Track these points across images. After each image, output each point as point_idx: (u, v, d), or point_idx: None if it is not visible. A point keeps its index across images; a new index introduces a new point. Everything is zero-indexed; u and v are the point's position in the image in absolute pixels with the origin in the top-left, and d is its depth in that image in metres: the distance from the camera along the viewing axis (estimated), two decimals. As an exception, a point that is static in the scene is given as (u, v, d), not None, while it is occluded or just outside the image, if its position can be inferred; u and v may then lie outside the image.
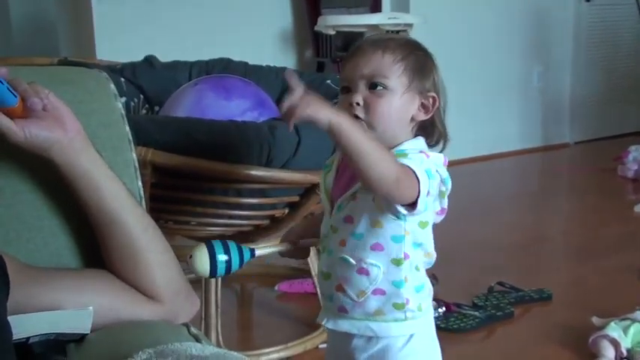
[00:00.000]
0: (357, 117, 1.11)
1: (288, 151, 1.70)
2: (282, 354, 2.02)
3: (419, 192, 1.06)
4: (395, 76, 1.11)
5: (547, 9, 4.81)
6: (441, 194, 1.14)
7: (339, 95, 1.17)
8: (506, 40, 4.65)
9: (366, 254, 1.15)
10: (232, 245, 1.12)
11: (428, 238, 1.16)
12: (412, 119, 1.15)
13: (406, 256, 1.15)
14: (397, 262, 1.15)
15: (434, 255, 1.19)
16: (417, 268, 1.16)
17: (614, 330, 1.98)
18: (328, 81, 2.27)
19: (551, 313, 2.32)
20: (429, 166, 1.09)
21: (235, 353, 0.84)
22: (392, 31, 3.90)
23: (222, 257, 1.10)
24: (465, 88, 4.47)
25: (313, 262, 2.15)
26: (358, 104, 1.11)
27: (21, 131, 0.90)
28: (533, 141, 4.93)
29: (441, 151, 1.18)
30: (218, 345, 1.91)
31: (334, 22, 3.75)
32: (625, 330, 1.98)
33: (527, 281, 2.49)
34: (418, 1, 4.23)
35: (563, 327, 2.18)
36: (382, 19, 3.82)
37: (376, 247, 1.15)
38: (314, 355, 2.06)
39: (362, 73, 1.12)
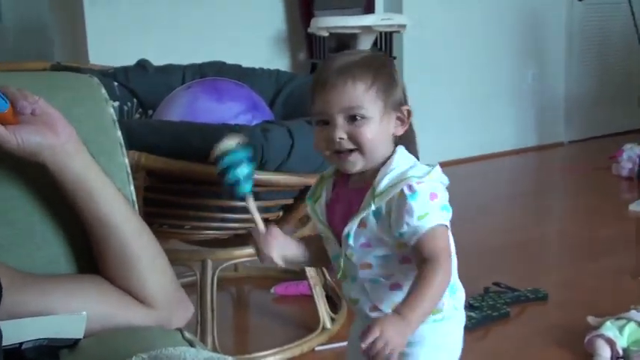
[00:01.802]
0: (339, 152, 1.13)
1: (281, 154, 1.70)
2: (279, 357, 2.02)
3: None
4: (370, 104, 1.12)
5: (540, 9, 4.82)
6: None
7: (315, 128, 1.17)
8: (499, 40, 4.65)
9: (397, 269, 1.17)
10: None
11: (449, 239, 1.17)
12: (392, 135, 1.16)
13: None
14: None
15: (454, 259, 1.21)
16: None
17: (609, 329, 1.98)
18: (322, 83, 2.27)
19: (547, 313, 2.32)
20: (443, 202, 1.12)
21: (230, 358, 0.84)
22: (385, 33, 3.91)
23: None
24: (458, 88, 4.48)
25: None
26: (342, 139, 1.12)
27: (12, 137, 0.90)
28: (528, 141, 4.94)
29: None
30: (214, 349, 1.91)
31: (327, 23, 3.75)
32: (620, 329, 1.99)
33: (523, 281, 2.49)
34: (411, 1, 4.23)
35: (559, 327, 2.18)
36: (375, 20, 3.82)
37: (405, 261, 1.16)
38: (310, 357, 2.05)
39: (338, 107, 1.12)
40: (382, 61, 1.19)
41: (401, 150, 1.17)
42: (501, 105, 4.76)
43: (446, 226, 1.12)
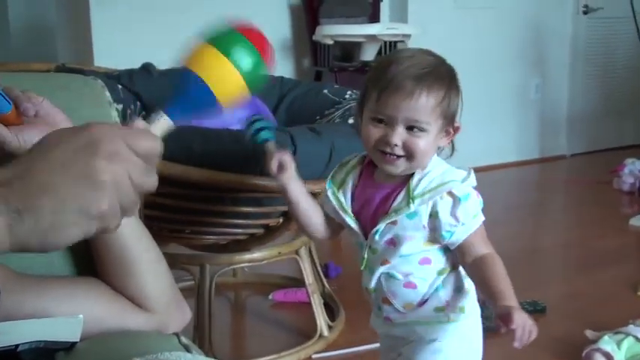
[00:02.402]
0: (392, 154, 1.16)
1: (283, 160, 1.70)
2: (275, 363, 2.02)
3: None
4: (433, 120, 1.16)
5: (545, 21, 4.83)
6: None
7: (369, 123, 1.18)
8: (504, 51, 4.66)
9: (415, 269, 1.22)
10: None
11: None
12: (439, 146, 1.22)
13: (452, 265, 1.23)
14: (441, 272, 1.23)
15: None
16: (453, 268, 1.24)
17: (607, 343, 1.97)
18: (325, 90, 2.28)
19: (545, 325, 2.30)
20: (480, 203, 1.20)
21: (225, 363, 0.84)
22: (390, 42, 3.91)
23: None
24: (462, 99, 4.48)
25: (307, 272, 2.15)
26: (396, 145, 1.16)
27: (15, 138, 0.90)
28: (530, 153, 4.94)
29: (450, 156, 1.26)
30: (211, 354, 1.90)
31: (332, 31, 3.76)
32: (618, 344, 1.98)
33: (521, 293, 2.46)
34: (416, 11, 4.24)
35: (556, 340, 2.17)
36: (380, 29, 3.83)
37: (424, 262, 1.22)
38: (307, 364, 2.05)
39: (404, 116, 1.15)
40: (452, 73, 1.21)
41: (438, 158, 1.22)
42: (504, 116, 4.76)
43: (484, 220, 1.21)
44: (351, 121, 2.01)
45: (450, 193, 1.16)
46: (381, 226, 1.20)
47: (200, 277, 2.01)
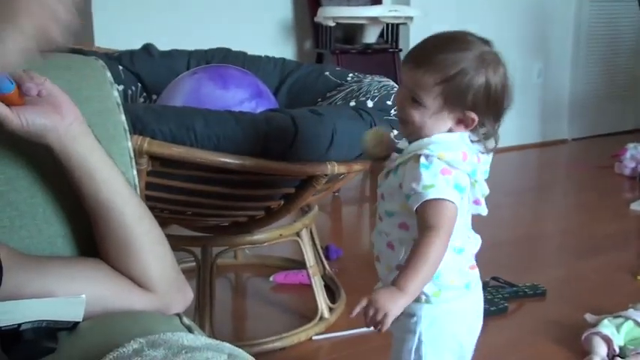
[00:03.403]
0: (398, 116, 1.25)
1: (284, 142, 1.70)
2: (276, 344, 2.03)
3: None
4: (430, 97, 1.18)
5: (549, 5, 4.80)
6: (472, 184, 1.23)
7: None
8: (506, 34, 4.63)
9: (394, 231, 1.25)
10: None
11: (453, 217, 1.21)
12: (449, 130, 1.21)
13: None
14: None
15: (465, 246, 1.27)
16: None
17: (607, 327, 1.98)
18: (327, 73, 2.27)
19: (545, 309, 2.33)
20: (457, 182, 1.17)
21: (227, 344, 0.84)
22: (392, 24, 3.89)
23: None
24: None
25: (308, 254, 2.16)
26: (400, 107, 1.23)
27: (17, 118, 0.90)
28: (532, 137, 4.93)
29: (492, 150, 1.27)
30: (211, 335, 1.91)
31: (334, 13, 3.74)
32: (618, 327, 1.99)
33: (522, 277, 2.49)
34: (419, -6, 4.21)
35: (556, 323, 2.18)
36: (382, 11, 3.81)
37: (402, 226, 1.24)
38: (308, 346, 2.06)
39: (407, 83, 1.21)
40: (480, 60, 1.21)
41: (454, 133, 1.21)
42: (506, 100, 4.74)
43: (455, 204, 1.17)
44: (352, 103, 2.00)
45: (417, 157, 1.18)
46: (381, 176, 1.28)
47: (201, 258, 2.02)
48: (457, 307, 1.27)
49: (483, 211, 1.30)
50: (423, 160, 1.16)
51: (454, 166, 1.18)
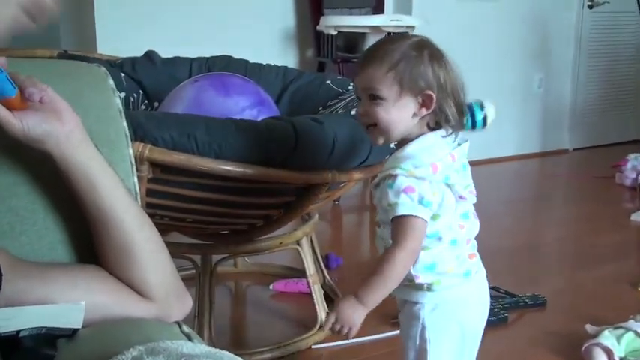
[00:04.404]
0: (364, 126, 1.28)
1: (285, 150, 1.70)
2: (275, 353, 2.02)
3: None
4: (386, 87, 1.23)
5: (549, 15, 4.81)
6: (450, 187, 1.26)
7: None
8: (507, 44, 4.65)
9: (389, 235, 1.27)
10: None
11: (439, 227, 1.25)
12: (414, 115, 1.25)
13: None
14: None
15: (457, 237, 1.29)
16: (424, 248, 1.26)
17: (607, 338, 1.98)
18: (328, 81, 2.27)
19: (545, 319, 2.32)
20: (423, 196, 1.21)
21: (227, 352, 0.84)
22: (394, 33, 3.90)
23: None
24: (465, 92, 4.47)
25: (308, 262, 2.16)
26: (362, 115, 1.27)
27: (19, 122, 0.90)
28: (532, 147, 4.93)
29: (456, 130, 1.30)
30: (211, 343, 1.91)
31: (336, 22, 3.75)
32: (618, 338, 1.98)
33: (522, 287, 2.49)
34: (420, 3, 4.23)
35: (556, 334, 2.18)
36: (384, 20, 3.82)
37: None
38: (307, 355, 2.05)
39: (362, 85, 1.26)
40: (419, 44, 1.26)
41: (427, 137, 1.26)
42: (506, 109, 4.75)
43: (421, 218, 1.21)
44: (353, 112, 2.00)
45: (388, 176, 1.24)
46: (372, 186, 1.32)
47: (201, 266, 2.01)
48: (458, 294, 1.32)
49: (472, 200, 1.33)
50: (389, 179, 1.23)
51: (425, 179, 1.22)
